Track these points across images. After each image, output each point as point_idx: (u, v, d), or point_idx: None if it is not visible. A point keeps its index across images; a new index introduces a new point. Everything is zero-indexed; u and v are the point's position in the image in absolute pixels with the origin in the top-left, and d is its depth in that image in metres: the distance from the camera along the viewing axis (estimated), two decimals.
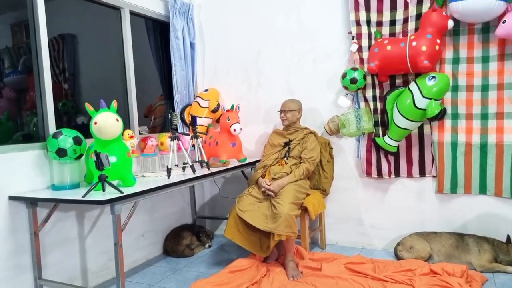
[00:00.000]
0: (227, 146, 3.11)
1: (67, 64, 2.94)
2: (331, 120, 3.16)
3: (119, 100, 2.66)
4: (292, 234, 2.59)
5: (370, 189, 3.17)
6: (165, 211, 3.36)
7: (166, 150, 3.00)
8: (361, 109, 3.02)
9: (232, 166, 3.07)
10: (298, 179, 2.87)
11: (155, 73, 3.62)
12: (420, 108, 2.69)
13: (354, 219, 3.25)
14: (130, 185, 2.31)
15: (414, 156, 2.99)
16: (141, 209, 3.04)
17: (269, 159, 3.05)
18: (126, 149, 2.31)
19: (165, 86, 3.65)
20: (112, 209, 2.06)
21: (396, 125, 2.84)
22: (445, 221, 2.95)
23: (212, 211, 3.86)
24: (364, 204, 3.21)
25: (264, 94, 3.51)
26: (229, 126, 3.04)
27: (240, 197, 2.85)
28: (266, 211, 2.71)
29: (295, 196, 2.76)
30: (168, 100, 3.66)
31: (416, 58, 2.64)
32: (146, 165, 2.85)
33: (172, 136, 2.67)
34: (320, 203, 3.02)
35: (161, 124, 3.68)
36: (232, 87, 3.65)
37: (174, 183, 2.44)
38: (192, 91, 3.57)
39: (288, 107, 3.05)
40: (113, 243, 2.09)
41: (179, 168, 2.80)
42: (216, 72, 3.71)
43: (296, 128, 3.10)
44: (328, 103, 3.24)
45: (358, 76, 2.91)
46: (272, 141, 3.16)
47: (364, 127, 2.98)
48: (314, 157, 2.94)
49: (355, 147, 3.19)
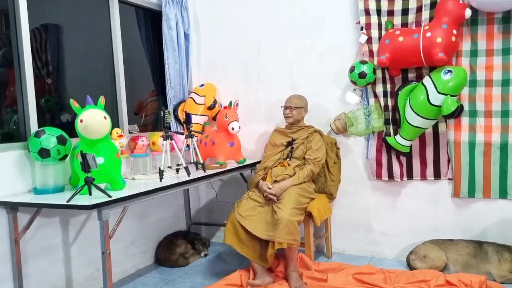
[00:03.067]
0: (224, 146, 3.11)
1: (51, 57, 2.94)
2: (338, 117, 3.16)
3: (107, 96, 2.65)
4: (293, 242, 2.59)
5: (381, 193, 3.17)
6: (157, 217, 3.36)
7: (158, 150, 3.00)
8: (371, 105, 3.03)
9: (230, 168, 3.07)
10: (302, 182, 2.87)
11: (146, 66, 3.62)
12: (434, 104, 2.68)
13: (363, 225, 3.25)
14: (119, 188, 2.31)
15: (428, 157, 2.98)
16: (131, 215, 3.04)
17: (270, 160, 3.05)
18: (114, 149, 2.31)
19: (157, 81, 3.65)
20: (100, 215, 2.06)
21: (408, 123, 2.84)
22: (462, 227, 2.95)
23: (208, 217, 3.86)
24: (373, 209, 3.21)
25: (265, 89, 3.51)
26: (227, 125, 3.04)
27: (239, 202, 2.85)
28: (267, 217, 2.72)
29: (298, 201, 2.76)
30: (161, 96, 3.66)
31: (430, 50, 2.64)
32: (137, 166, 2.85)
33: (164, 135, 2.67)
34: (326, 208, 3.02)
35: (152, 122, 3.68)
36: (231, 82, 3.64)
37: (167, 186, 2.45)
38: (187, 86, 3.57)
39: (295, 104, 3.06)
40: (101, 252, 2.09)
41: (172, 170, 2.80)
42: (213, 66, 3.71)
43: (300, 127, 3.10)
44: (334, 100, 3.24)
45: (368, 70, 2.91)
46: (273, 140, 3.16)
47: (374, 125, 2.98)
48: (319, 158, 2.95)
49: (364, 147, 3.19)
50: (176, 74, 3.45)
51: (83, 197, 2.13)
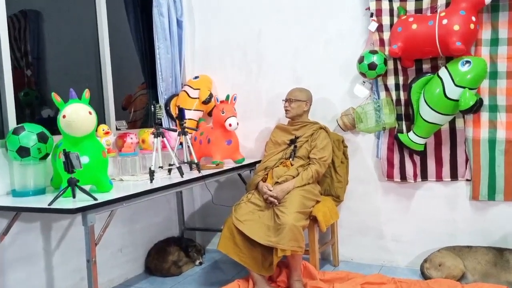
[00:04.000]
0: (221, 144, 3.11)
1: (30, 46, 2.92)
2: (345, 113, 3.17)
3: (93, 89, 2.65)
4: (298, 249, 2.60)
5: (392, 195, 3.18)
6: (147, 222, 3.36)
7: (148, 148, 3.00)
8: (382, 100, 3.03)
9: (228, 168, 3.08)
10: (306, 183, 2.88)
11: (135, 57, 3.61)
12: (451, 98, 2.69)
13: (372, 231, 3.26)
14: (106, 190, 2.31)
15: (444, 156, 2.99)
16: (118, 219, 3.03)
17: (271, 159, 3.06)
18: (100, 147, 2.31)
19: (147, 73, 3.65)
20: (84, 219, 2.06)
21: (423, 119, 2.84)
22: (481, 233, 2.96)
23: (203, 222, 3.86)
24: (384, 213, 3.22)
25: (266, 82, 3.51)
26: (224, 121, 3.04)
27: (237, 205, 2.86)
28: (268, 221, 2.72)
29: (302, 204, 2.76)
30: (151, 89, 3.66)
31: (447, 39, 2.63)
32: (125, 166, 2.86)
33: (155, 132, 2.67)
34: (332, 212, 3.03)
35: (142, 118, 3.68)
36: (228, 74, 3.64)
37: (158, 188, 2.45)
38: (180, 79, 3.57)
39: (295, 96, 3.07)
40: (86, 260, 2.08)
41: (164, 171, 2.80)
42: (208, 56, 3.70)
43: (303, 123, 3.11)
44: (342, 93, 3.24)
45: (378, 61, 2.91)
46: (275, 138, 3.17)
47: (385, 121, 2.98)
48: (325, 157, 2.96)
49: (374, 145, 3.20)
50: (168, 65, 3.44)
51: (66, 200, 2.11)
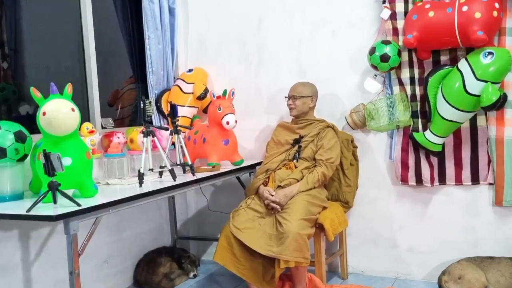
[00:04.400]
0: (218, 144, 3.11)
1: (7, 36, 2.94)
2: (355, 110, 3.16)
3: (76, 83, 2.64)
4: (302, 260, 2.60)
5: (407, 200, 3.17)
6: (136, 230, 3.36)
7: (137, 149, 3.00)
8: (395, 95, 3.03)
9: (225, 170, 3.07)
10: (312, 187, 2.88)
11: (123, 48, 3.62)
12: (472, 94, 2.69)
13: (385, 240, 3.26)
14: (90, 195, 2.31)
15: (464, 157, 2.99)
16: (104, 227, 3.04)
17: (273, 161, 3.05)
18: (84, 148, 2.31)
19: (136, 65, 3.66)
20: (66, 227, 2.05)
21: (440, 117, 2.84)
22: (505, 242, 2.96)
23: (198, 230, 3.86)
24: (398, 220, 3.21)
25: (267, 75, 3.51)
26: (221, 118, 3.04)
27: (235, 211, 2.86)
28: (270, 229, 2.72)
29: (307, 210, 2.76)
30: (140, 83, 3.66)
31: (467, 27, 2.64)
32: (111, 169, 2.86)
33: (145, 131, 2.68)
34: (341, 219, 3.03)
35: (130, 116, 3.69)
36: (225, 67, 3.64)
37: (148, 193, 2.45)
38: (172, 72, 3.58)
39: (298, 92, 3.07)
40: (68, 272, 2.08)
41: (154, 173, 2.81)
42: (204, 47, 3.71)
43: (309, 121, 3.10)
44: (351, 88, 3.24)
45: (391, 52, 2.91)
46: (277, 137, 3.17)
47: (399, 119, 2.98)
48: (332, 158, 2.95)
49: (386, 146, 3.20)
50: (158, 57, 3.44)
51: (47, 205, 2.11)
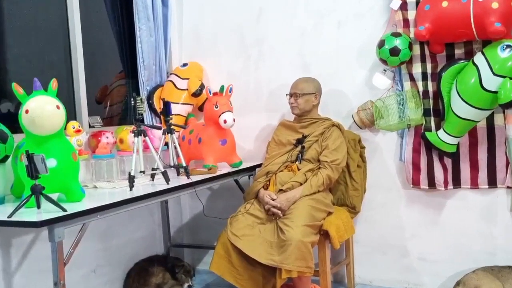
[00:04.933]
0: (214, 144, 3.12)
1: None
2: (362, 107, 3.17)
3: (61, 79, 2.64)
4: (306, 270, 2.61)
5: (418, 205, 3.18)
6: (126, 237, 3.37)
7: (127, 150, 3.00)
8: (406, 91, 3.03)
9: (222, 172, 3.08)
10: (316, 191, 2.88)
11: (112, 40, 3.61)
12: (489, 90, 2.69)
13: (395, 248, 3.26)
14: (77, 199, 2.31)
15: (480, 159, 3.00)
16: (92, 234, 3.03)
17: (274, 163, 3.06)
18: (70, 148, 2.30)
19: (126, 59, 3.65)
20: (51, 234, 2.05)
21: (455, 115, 2.84)
22: None
23: (193, 237, 3.86)
24: (409, 227, 3.22)
25: (268, 70, 3.52)
26: (218, 116, 3.04)
27: (233, 217, 2.86)
28: (270, 237, 2.73)
29: (311, 216, 2.77)
30: (131, 79, 3.67)
31: (484, 19, 2.64)
32: (100, 171, 2.85)
33: (136, 130, 2.67)
34: (347, 225, 3.03)
35: (120, 114, 3.68)
36: (222, 61, 3.65)
37: (139, 197, 2.45)
38: (165, 66, 3.58)
39: (301, 89, 3.07)
40: (53, 282, 2.08)
41: (146, 176, 2.80)
42: (199, 39, 3.71)
43: (312, 119, 3.11)
44: (358, 84, 3.25)
45: (402, 45, 2.91)
46: (278, 137, 3.17)
47: (410, 117, 2.98)
48: (338, 160, 2.96)
49: (396, 146, 3.20)
50: (150, 50, 3.45)
51: (30, 211, 2.11)
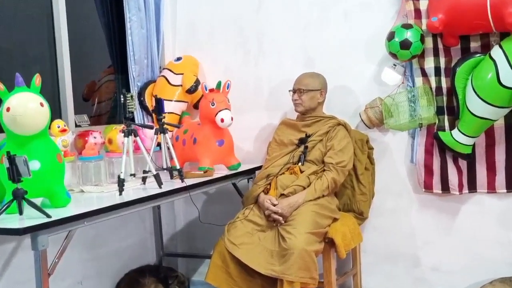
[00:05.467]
0: (210, 145, 3.12)
1: None
2: (371, 105, 3.17)
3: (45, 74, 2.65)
4: (309, 281, 2.61)
5: (431, 210, 3.18)
6: (115, 246, 3.37)
7: (116, 151, 2.99)
8: (417, 88, 3.03)
9: (219, 175, 3.08)
10: (320, 195, 2.89)
11: (100, 33, 3.62)
12: (507, 86, 2.69)
13: (406, 257, 3.27)
14: (62, 205, 2.31)
15: (498, 161, 3.00)
16: (78, 243, 3.02)
17: (275, 164, 3.06)
18: (55, 149, 2.31)
19: (116, 53, 3.66)
20: (34, 242, 2.04)
21: (470, 113, 2.84)
22: None
23: (187, 245, 3.87)
24: (421, 234, 3.22)
25: (269, 65, 3.53)
26: (214, 115, 3.04)
27: (231, 224, 2.87)
28: (271, 245, 2.73)
29: (315, 222, 2.77)
30: (120, 74, 3.67)
31: (501, 9, 2.63)
32: (87, 174, 2.85)
33: (126, 129, 2.67)
34: (354, 232, 3.03)
35: (109, 112, 3.69)
36: (219, 55, 3.65)
37: (130, 202, 2.44)
38: (157, 61, 3.59)
39: (305, 85, 3.07)
40: None
41: (137, 179, 2.81)
42: (195, 32, 3.72)
43: (317, 118, 3.11)
44: (366, 80, 3.26)
45: (413, 38, 2.91)
46: (280, 137, 3.18)
47: (422, 115, 2.99)
48: (344, 161, 2.96)
49: (407, 147, 3.21)
50: (142, 43, 3.46)
51: (11, 217, 2.11)
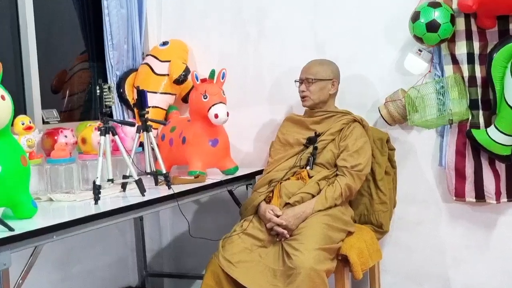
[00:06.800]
0: (202, 145, 3.12)
1: None
2: (391, 98, 3.18)
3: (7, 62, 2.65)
4: None
5: (463, 223, 3.19)
6: (90, 264, 3.36)
7: (91, 152, 2.98)
8: (447, 78, 3.04)
9: (213, 181, 3.08)
10: (332, 205, 2.89)
11: (72, 14, 3.61)
12: None
13: (433, 277, 3.27)
14: (27, 216, 2.30)
15: None
16: (47, 260, 3.03)
17: (279, 168, 3.07)
18: (18, 150, 2.30)
19: (90, 37, 3.66)
20: None
21: (510, 107, 2.84)
22: None
23: (175, 264, 3.87)
24: (452, 250, 3.23)
25: (271, 52, 3.54)
26: (207, 110, 3.04)
27: (227, 239, 2.86)
28: (274, 263, 2.73)
29: (326, 237, 2.77)
30: (96, 62, 3.68)
31: None
32: (56, 179, 2.83)
33: (102, 127, 2.65)
34: (372, 248, 3.03)
35: (82, 106, 3.68)
36: (213, 39, 3.67)
37: (107, 212, 2.43)
38: (140, 46, 3.60)
39: (314, 74, 3.08)
40: None
41: (115, 186, 2.81)
42: (184, 12, 3.73)
43: (328, 113, 3.12)
44: (386, 68, 3.26)
45: (442, 19, 2.90)
46: (285, 136, 3.18)
47: (452, 110, 2.99)
48: (361, 165, 2.96)
49: (435, 148, 3.22)
50: (121, 26, 3.46)
51: None
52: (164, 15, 3.79)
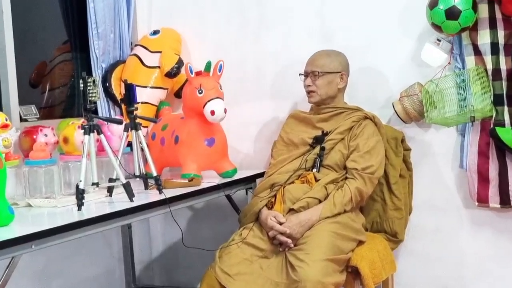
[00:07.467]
0: (197, 145, 3.12)
1: None
2: (407, 93, 3.18)
3: None
4: None
5: (486, 230, 3.19)
6: (73, 277, 3.38)
7: (74, 153, 2.98)
8: (469, 70, 3.04)
9: (209, 185, 3.08)
10: (341, 211, 2.88)
11: None
12: None
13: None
14: (3, 223, 2.30)
15: None
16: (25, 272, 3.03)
17: (282, 171, 3.07)
18: None
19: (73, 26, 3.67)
20: None
21: None
22: None
23: (167, 276, 3.89)
24: (474, 262, 3.23)
25: (274, 42, 3.55)
26: (202, 106, 3.04)
27: (224, 249, 2.87)
28: (276, 275, 2.73)
29: (334, 246, 2.77)
30: (79, 53, 3.69)
31: None
32: (35, 183, 2.84)
33: (86, 125, 2.65)
34: (385, 259, 3.04)
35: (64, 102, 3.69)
36: (209, 28, 3.68)
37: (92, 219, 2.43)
38: (128, 35, 3.62)
39: (321, 66, 3.08)
40: None
41: (101, 190, 2.81)
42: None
43: (336, 109, 3.12)
44: (401, 60, 3.27)
45: (463, 5, 2.90)
46: (288, 135, 3.19)
47: (474, 106, 2.99)
48: (373, 167, 2.96)
49: (455, 148, 3.22)
50: (107, 12, 3.47)
51: None
52: (154, 1, 3.80)
